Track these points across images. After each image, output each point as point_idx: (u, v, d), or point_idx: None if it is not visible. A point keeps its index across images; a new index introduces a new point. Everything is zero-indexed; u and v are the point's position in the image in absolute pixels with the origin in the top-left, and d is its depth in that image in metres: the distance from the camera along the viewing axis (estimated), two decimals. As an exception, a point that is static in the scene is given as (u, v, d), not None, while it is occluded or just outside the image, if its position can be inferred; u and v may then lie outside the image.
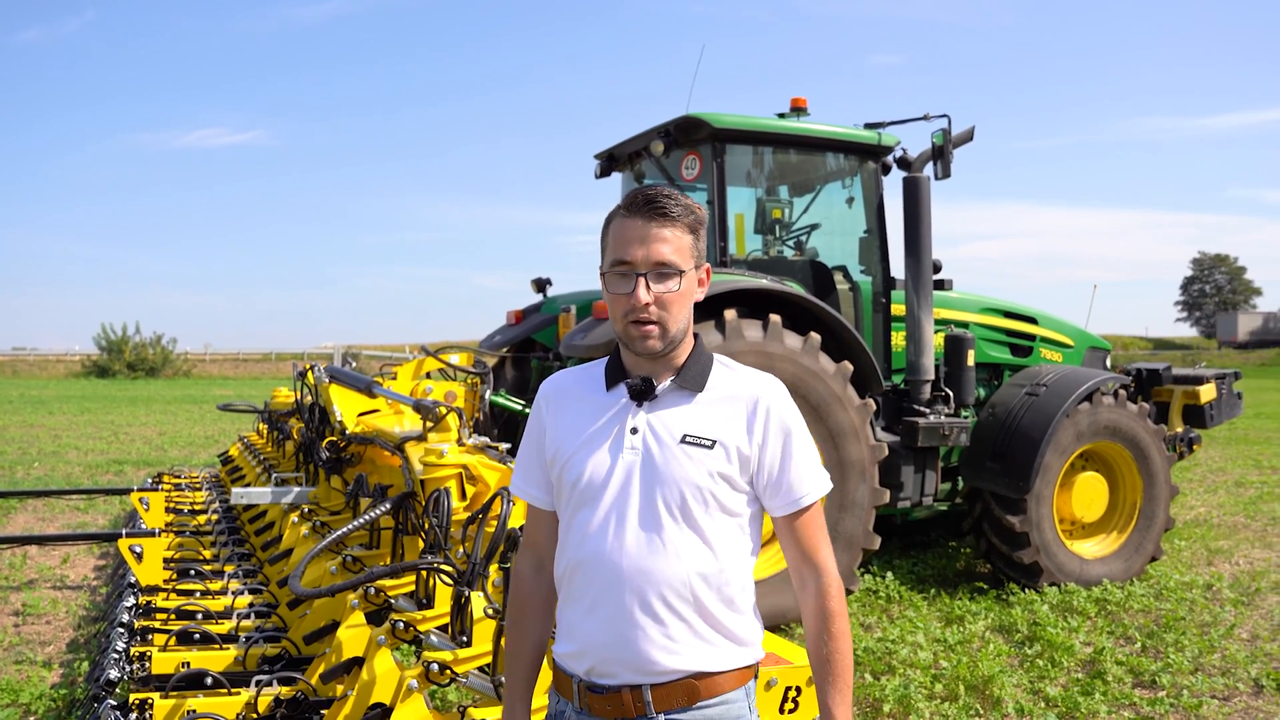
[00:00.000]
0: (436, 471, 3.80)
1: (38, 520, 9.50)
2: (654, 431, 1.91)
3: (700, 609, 1.87)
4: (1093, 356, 8.21)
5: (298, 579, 3.22)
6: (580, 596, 1.91)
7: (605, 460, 1.91)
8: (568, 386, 2.06)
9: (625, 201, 1.92)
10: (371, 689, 3.10)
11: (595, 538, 1.89)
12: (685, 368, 1.95)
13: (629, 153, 7.38)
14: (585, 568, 1.90)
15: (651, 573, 1.85)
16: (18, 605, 6.50)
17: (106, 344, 47.92)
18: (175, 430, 19.40)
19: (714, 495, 1.88)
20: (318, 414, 6.08)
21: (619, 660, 1.86)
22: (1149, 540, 7.11)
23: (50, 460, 14.21)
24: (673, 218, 1.88)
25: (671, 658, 1.85)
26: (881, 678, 5.07)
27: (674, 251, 1.88)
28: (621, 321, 1.90)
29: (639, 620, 1.85)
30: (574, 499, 1.94)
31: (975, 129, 6.61)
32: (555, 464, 1.99)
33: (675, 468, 1.87)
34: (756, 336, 5.84)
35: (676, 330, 1.91)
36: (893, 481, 6.56)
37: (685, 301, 1.92)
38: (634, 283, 1.86)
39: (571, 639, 1.93)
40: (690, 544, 1.87)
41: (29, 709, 4.66)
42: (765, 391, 1.95)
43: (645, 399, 1.93)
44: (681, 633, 1.86)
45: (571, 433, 1.97)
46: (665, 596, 1.85)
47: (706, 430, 1.90)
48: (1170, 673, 5.16)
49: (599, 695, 1.88)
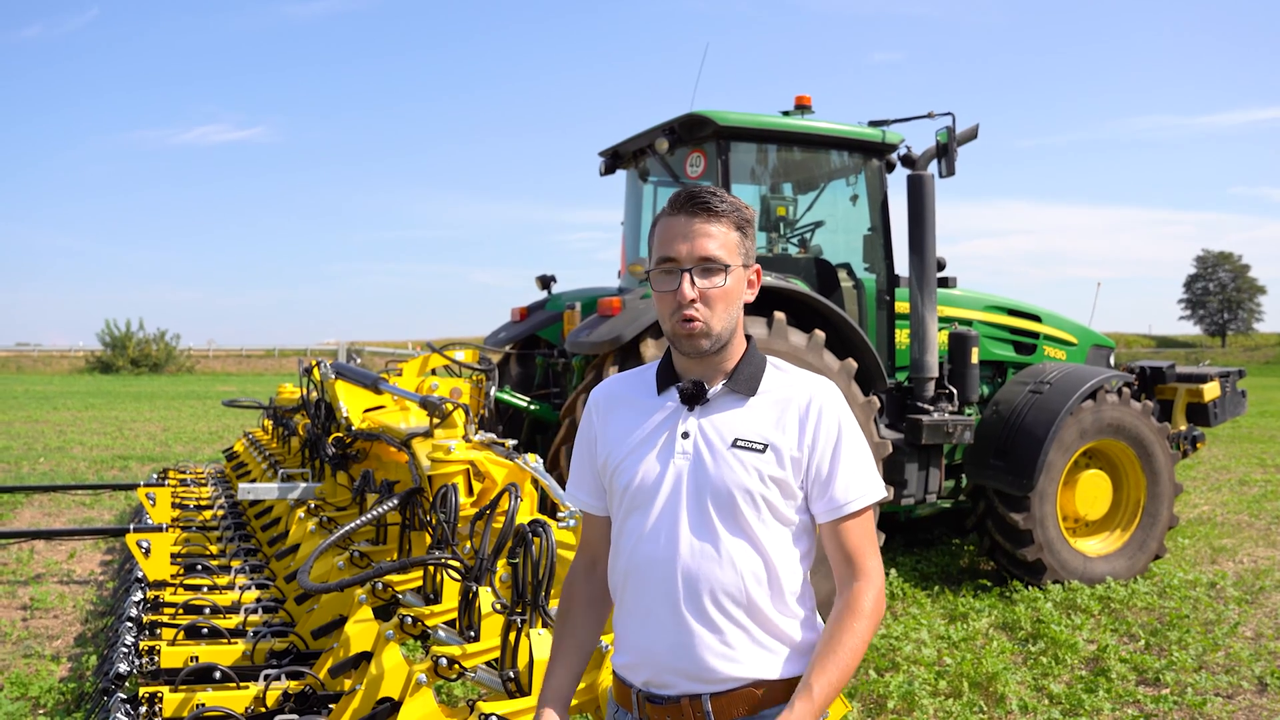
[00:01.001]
0: (444, 467, 3.81)
1: (44, 515, 9.53)
2: (705, 436, 1.88)
3: (756, 615, 1.84)
4: (1096, 354, 8.23)
5: (306, 574, 3.23)
6: (634, 605, 1.90)
7: (656, 465, 1.89)
8: (618, 392, 2.04)
9: (670, 200, 1.90)
10: (380, 683, 3.11)
11: (647, 544, 1.87)
12: (737, 371, 1.92)
13: (633, 150, 7.39)
14: (638, 574, 1.89)
15: (705, 579, 1.83)
16: (25, 600, 6.53)
17: (110, 340, 48.05)
18: (179, 426, 19.44)
19: (765, 500, 1.85)
20: (324, 410, 6.10)
21: (676, 669, 1.84)
22: (1152, 538, 7.12)
23: (55, 456, 14.24)
24: (718, 213, 1.86)
25: (730, 665, 1.83)
26: (885, 674, 5.08)
27: (719, 247, 1.85)
28: (670, 320, 1.87)
29: (694, 628, 1.82)
30: (625, 504, 1.93)
31: (979, 127, 6.61)
32: (606, 470, 1.97)
33: (726, 472, 1.85)
34: (760, 333, 5.85)
35: (724, 328, 1.88)
36: (896, 479, 6.58)
37: (732, 299, 1.88)
38: (679, 279, 1.84)
39: (628, 650, 1.92)
40: (742, 549, 1.84)
41: (38, 702, 4.69)
42: (818, 393, 1.91)
43: (697, 403, 1.91)
44: (739, 639, 1.83)
45: (622, 438, 1.96)
46: (720, 602, 1.83)
47: (758, 434, 1.87)
48: (1174, 670, 5.17)
49: (658, 706, 1.86)
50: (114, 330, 47.97)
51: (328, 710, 3.38)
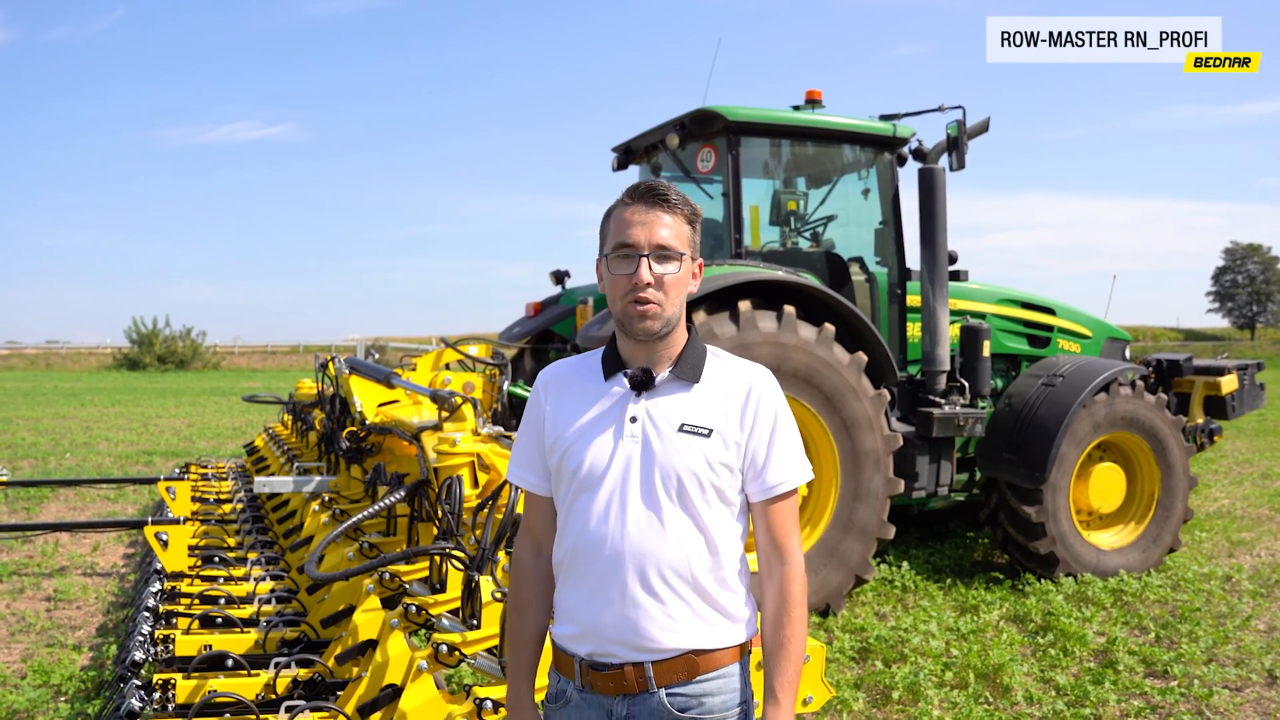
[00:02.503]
0: (449, 460, 3.87)
1: (69, 509, 9.69)
2: (653, 420, 1.98)
3: (699, 589, 1.95)
4: (1111, 347, 8.19)
5: (314, 564, 3.30)
6: (581, 580, 1.98)
7: (606, 448, 1.98)
8: (566, 376, 2.12)
9: (628, 192, 2.01)
10: (385, 670, 3.18)
11: (597, 523, 1.96)
12: (681, 359, 2.02)
13: (645, 145, 7.42)
14: (587, 552, 1.96)
15: (653, 555, 1.93)
16: (50, 591, 6.66)
17: (137, 337, 48.49)
18: (203, 422, 19.66)
19: (711, 482, 1.95)
20: (339, 405, 6.18)
21: (621, 640, 1.94)
22: (1167, 531, 7.10)
23: (81, 451, 14.45)
24: (673, 205, 1.98)
25: (672, 636, 1.93)
26: (892, 665, 5.11)
27: (674, 236, 1.97)
28: (621, 301, 1.97)
29: (641, 601, 1.92)
30: (574, 485, 2.01)
31: (990, 120, 6.60)
32: (555, 451, 2.04)
33: (674, 455, 1.94)
34: (771, 327, 5.88)
35: (673, 313, 1.99)
36: (908, 471, 6.59)
37: (682, 287, 2.00)
38: (636, 263, 1.95)
39: (573, 621, 2.00)
40: (688, 528, 1.95)
41: (60, 689, 4.80)
42: (757, 381, 2.03)
43: (645, 389, 2.00)
44: (682, 612, 1.93)
45: (571, 421, 2.03)
46: (666, 578, 1.93)
47: (703, 419, 1.97)
48: (1183, 663, 5.17)
49: (602, 673, 1.95)
50: (140, 327, 48.42)
51: (335, 697, 3.45)
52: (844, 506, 6.12)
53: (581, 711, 1.99)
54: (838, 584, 6.10)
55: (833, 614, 6.06)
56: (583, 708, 1.98)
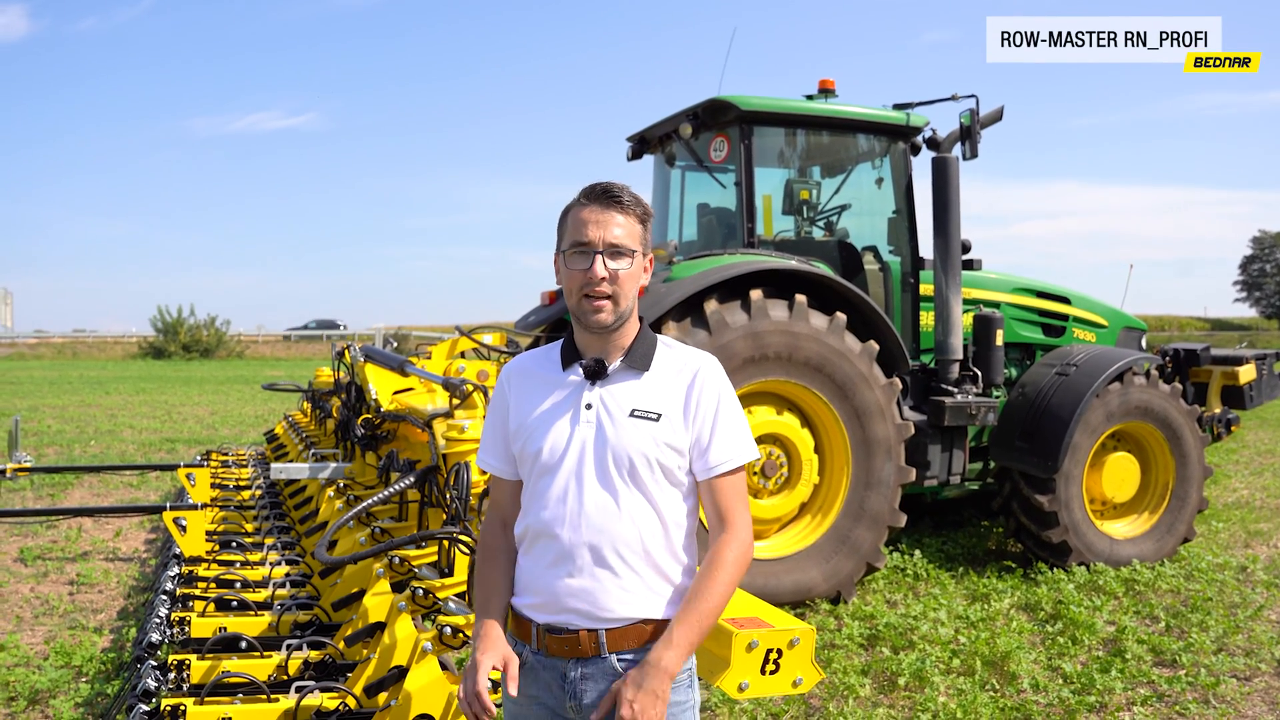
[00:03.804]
0: (458, 446, 3.94)
1: (93, 495, 9.85)
2: (606, 407, 2.12)
3: (651, 563, 2.10)
4: (1127, 337, 8.16)
5: (323, 548, 3.37)
6: (542, 554, 2.12)
7: (563, 433, 2.13)
8: (528, 367, 2.27)
9: (583, 192, 2.15)
10: (392, 652, 3.25)
11: (555, 503, 2.10)
12: (633, 349, 2.16)
13: (659, 135, 7.46)
14: (547, 529, 2.10)
15: (608, 532, 2.07)
16: (73, 575, 6.79)
17: (162, 326, 48.94)
18: (226, 410, 19.86)
19: (660, 462, 2.10)
20: (354, 393, 6.26)
21: (577, 610, 2.08)
22: (1181, 521, 7.08)
23: (106, 439, 14.65)
24: (625, 206, 2.11)
25: (625, 606, 2.07)
26: (900, 652, 5.14)
27: (626, 235, 2.10)
28: (576, 295, 2.11)
29: (597, 574, 2.07)
30: (536, 469, 2.15)
31: (1004, 109, 6.59)
32: (518, 437, 2.20)
33: (626, 438, 2.09)
34: (782, 316, 5.91)
35: (626, 307, 2.12)
36: (919, 460, 6.60)
37: (634, 282, 2.13)
38: (591, 260, 2.08)
39: (533, 592, 2.14)
40: (641, 506, 2.09)
41: (80, 670, 4.90)
42: (702, 368, 2.17)
43: (598, 378, 2.15)
44: (635, 584, 2.08)
45: (532, 409, 2.19)
46: (620, 552, 2.07)
47: (652, 404, 2.12)
48: (1192, 652, 5.17)
49: (557, 636, 2.09)
50: (166, 316, 48.85)
51: (344, 678, 3.53)
52: (855, 494, 6.14)
53: (537, 673, 2.12)
54: (849, 572, 6.13)
55: (844, 601, 6.09)
56: (538, 670, 2.12)
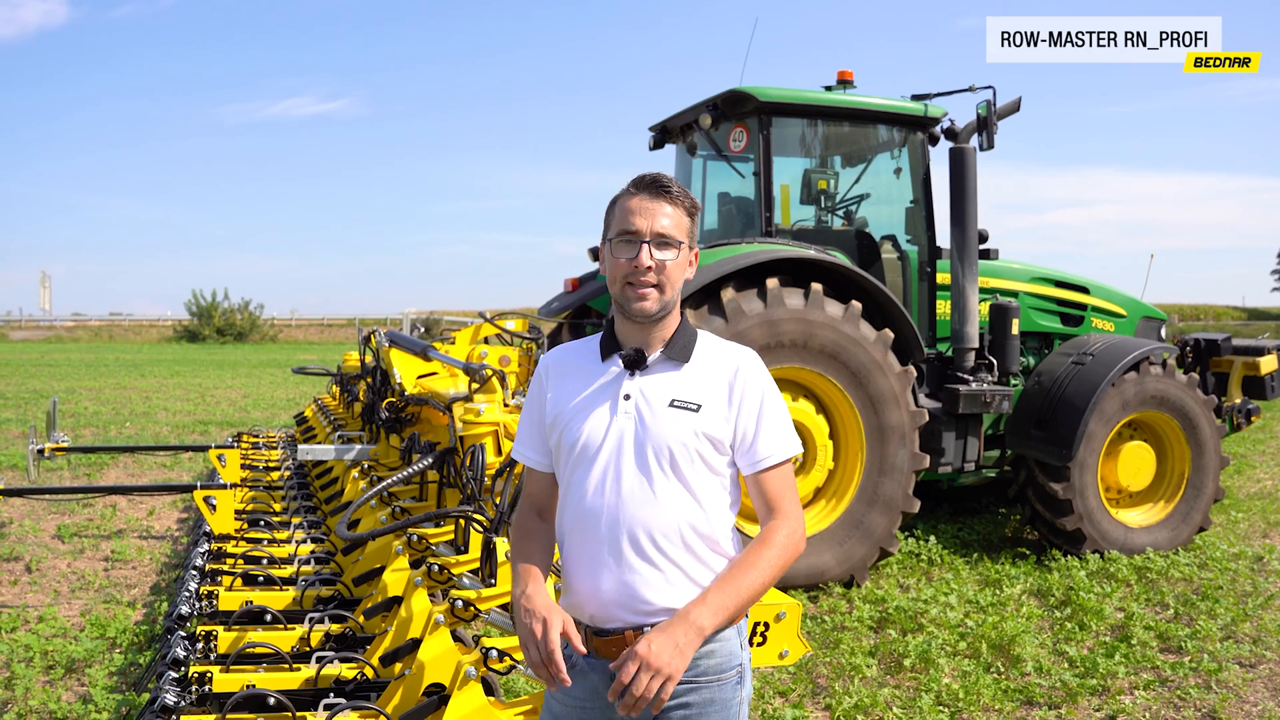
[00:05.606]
0: (474, 429, 4.07)
1: (127, 475, 10.11)
2: (645, 397, 2.11)
3: (692, 552, 2.06)
4: (1146, 326, 8.18)
5: (344, 525, 3.52)
6: (581, 548, 2.10)
7: (601, 423, 2.12)
8: (566, 359, 2.27)
9: (633, 182, 2.16)
10: (408, 625, 3.40)
11: (594, 494, 2.09)
12: (673, 341, 2.16)
13: (680, 125, 7.55)
14: (585, 521, 2.09)
15: (646, 522, 2.05)
16: (107, 552, 7.02)
17: (197, 310, 49.61)
18: (259, 393, 20.18)
19: (699, 453, 2.08)
20: (379, 377, 6.42)
21: (620, 604, 2.05)
22: (1197, 510, 7.11)
23: (140, 421, 14.96)
24: (674, 197, 2.12)
25: (666, 598, 2.04)
26: (908, 635, 5.24)
27: (674, 226, 2.11)
28: (620, 283, 2.11)
29: (637, 566, 2.04)
30: (572, 459, 2.14)
31: (1021, 100, 6.63)
32: (555, 428, 2.18)
33: (665, 428, 2.08)
34: (798, 304, 6.00)
35: (670, 297, 2.12)
36: (934, 447, 6.68)
37: (679, 273, 2.13)
38: (638, 249, 2.09)
39: (574, 591, 2.11)
40: (680, 496, 2.07)
41: (115, 641, 5.11)
42: (744, 362, 2.17)
43: (638, 368, 2.14)
44: (676, 576, 2.05)
45: (570, 400, 2.17)
46: (659, 543, 2.04)
47: (692, 395, 2.11)
48: (1198, 639, 5.23)
49: (604, 638, 2.07)
50: (200, 300, 49.50)
51: (363, 650, 3.68)
52: (869, 480, 6.24)
53: (587, 676, 2.08)
54: (862, 556, 6.23)
55: (856, 585, 6.19)
56: (588, 672, 2.08)
